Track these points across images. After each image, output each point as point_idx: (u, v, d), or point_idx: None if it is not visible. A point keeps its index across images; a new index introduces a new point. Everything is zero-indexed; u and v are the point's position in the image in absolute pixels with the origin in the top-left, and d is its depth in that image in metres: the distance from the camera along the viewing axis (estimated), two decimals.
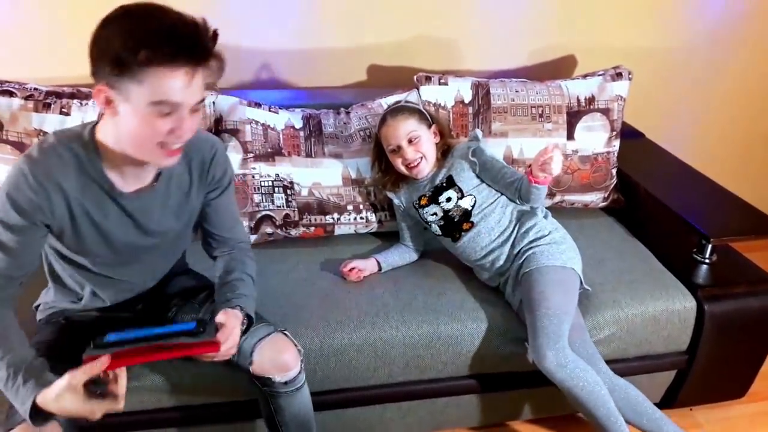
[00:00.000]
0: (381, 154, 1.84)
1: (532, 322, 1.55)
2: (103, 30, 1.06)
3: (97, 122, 1.21)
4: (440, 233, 1.80)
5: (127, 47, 1.02)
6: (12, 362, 1.13)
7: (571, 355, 1.50)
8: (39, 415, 1.10)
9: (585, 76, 2.12)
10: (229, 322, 1.26)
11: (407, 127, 1.75)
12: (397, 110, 1.79)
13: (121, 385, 1.12)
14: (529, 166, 1.62)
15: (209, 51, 1.09)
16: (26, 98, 1.75)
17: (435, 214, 1.78)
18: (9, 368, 1.13)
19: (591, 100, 2.05)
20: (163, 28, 1.04)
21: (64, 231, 1.23)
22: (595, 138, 2.06)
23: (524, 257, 1.68)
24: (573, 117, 2.04)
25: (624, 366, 1.73)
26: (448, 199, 1.76)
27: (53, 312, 1.42)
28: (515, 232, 1.73)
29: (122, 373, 1.13)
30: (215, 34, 1.09)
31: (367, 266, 1.79)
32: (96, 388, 1.09)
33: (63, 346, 1.32)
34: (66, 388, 1.07)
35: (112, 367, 1.09)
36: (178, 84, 1.07)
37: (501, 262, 1.72)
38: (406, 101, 1.90)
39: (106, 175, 1.21)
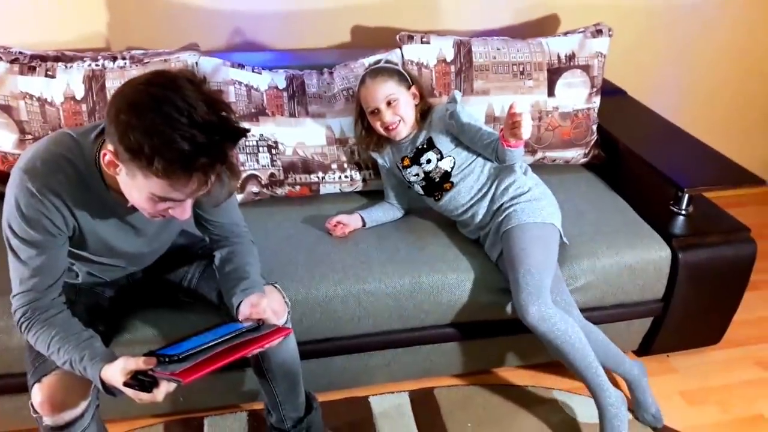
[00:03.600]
0: (362, 114, 1.85)
1: (514, 279, 1.59)
2: (127, 110, 1.01)
3: (104, 141, 1.12)
4: (422, 193, 1.84)
5: (144, 149, 0.99)
6: (77, 346, 1.20)
7: (552, 309, 1.55)
8: (105, 386, 1.17)
9: (566, 34, 2.14)
10: (261, 307, 1.32)
11: (385, 90, 1.75)
12: (376, 72, 1.79)
13: (162, 389, 1.14)
14: (502, 129, 1.63)
15: (227, 157, 1.05)
16: (11, 62, 1.77)
17: (417, 175, 1.82)
18: (76, 351, 1.19)
19: (571, 57, 2.08)
20: (185, 138, 0.99)
21: (71, 238, 1.27)
22: (575, 94, 2.09)
23: (504, 214, 1.71)
24: (554, 74, 2.07)
25: (601, 314, 1.79)
26: (428, 161, 1.79)
27: None
28: (493, 187, 1.76)
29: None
30: (243, 132, 1.06)
31: (351, 221, 1.83)
32: (144, 377, 1.13)
33: (74, 301, 1.37)
34: (118, 368, 1.13)
35: (189, 379, 1.07)
36: (186, 190, 1.07)
37: (480, 217, 1.76)
38: (387, 61, 1.88)
39: (107, 192, 1.22)
